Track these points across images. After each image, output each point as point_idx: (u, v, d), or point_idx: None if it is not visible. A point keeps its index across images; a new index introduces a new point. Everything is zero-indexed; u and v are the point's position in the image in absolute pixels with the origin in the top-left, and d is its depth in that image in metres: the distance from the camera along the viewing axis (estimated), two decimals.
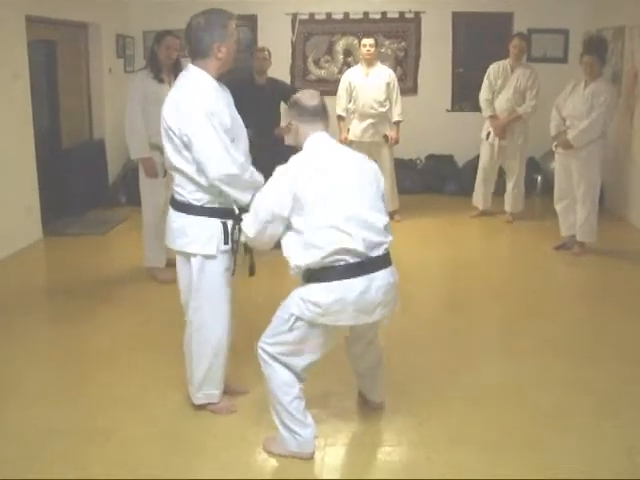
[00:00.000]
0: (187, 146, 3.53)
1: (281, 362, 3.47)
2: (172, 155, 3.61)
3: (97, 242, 7.66)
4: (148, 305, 5.69)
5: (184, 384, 4.04)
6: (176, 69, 6.04)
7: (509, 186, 8.18)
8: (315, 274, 3.36)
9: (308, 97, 3.60)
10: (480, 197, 8.35)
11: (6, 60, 6.94)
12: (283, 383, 3.47)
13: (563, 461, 3.49)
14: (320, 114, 3.56)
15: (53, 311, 5.76)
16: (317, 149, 3.50)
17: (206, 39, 3.56)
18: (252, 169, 3.63)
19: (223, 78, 3.74)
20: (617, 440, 3.67)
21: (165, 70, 6.02)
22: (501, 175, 8.33)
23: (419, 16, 10.03)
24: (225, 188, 3.54)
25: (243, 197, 3.59)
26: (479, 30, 9.75)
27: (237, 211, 3.62)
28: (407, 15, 10.05)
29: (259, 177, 3.64)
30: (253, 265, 3.86)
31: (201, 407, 3.95)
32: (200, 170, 3.54)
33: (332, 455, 3.60)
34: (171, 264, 6.21)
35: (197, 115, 3.47)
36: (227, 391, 4.06)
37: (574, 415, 3.94)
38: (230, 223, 3.65)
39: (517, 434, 3.74)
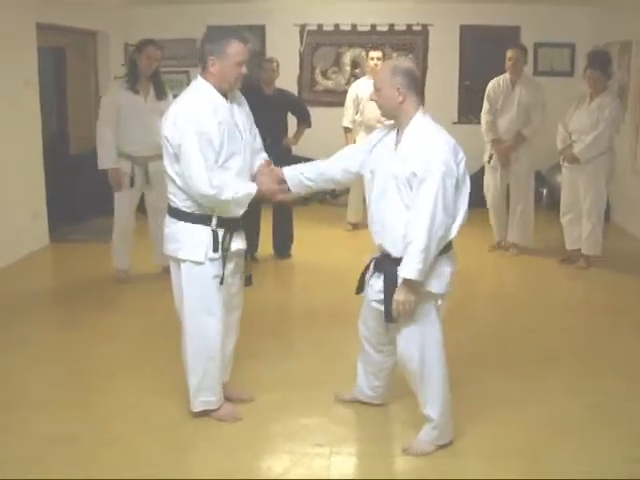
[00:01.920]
0: (177, 157, 3.59)
1: None
2: (167, 164, 3.68)
3: (103, 249, 7.63)
4: (153, 312, 5.69)
5: (187, 392, 4.06)
6: (155, 79, 6.12)
7: (515, 215, 7.51)
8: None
9: (417, 71, 3.60)
10: (493, 229, 7.69)
11: (16, 66, 6.99)
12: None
13: (559, 472, 3.49)
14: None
15: (58, 317, 5.78)
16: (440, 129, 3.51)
17: (204, 50, 3.64)
18: (238, 187, 3.64)
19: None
20: (614, 452, 3.67)
21: (143, 80, 6.07)
22: None
23: (427, 29, 10.07)
24: (207, 204, 3.63)
25: (232, 212, 3.67)
26: (486, 43, 9.76)
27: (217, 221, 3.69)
28: (415, 28, 10.09)
29: (245, 192, 3.66)
30: (250, 276, 3.95)
31: (200, 414, 3.94)
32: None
33: (338, 464, 3.60)
34: (167, 271, 6.30)
35: (187, 132, 3.53)
36: (232, 399, 4.07)
37: (572, 427, 3.94)
38: (221, 232, 3.69)
39: (514, 444, 3.75)
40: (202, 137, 3.52)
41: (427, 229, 3.29)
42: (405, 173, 3.38)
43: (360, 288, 3.78)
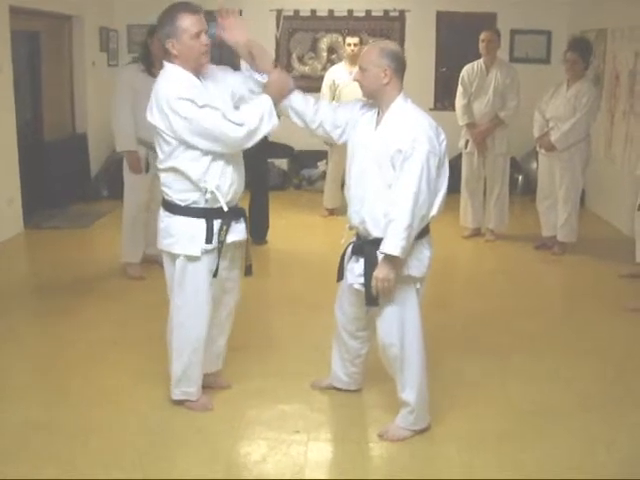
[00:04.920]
0: (186, 142, 3.51)
1: None
2: (161, 155, 3.63)
3: (78, 236, 7.64)
4: (130, 299, 5.67)
5: (167, 378, 4.06)
6: None
7: (491, 200, 7.54)
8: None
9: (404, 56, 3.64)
10: (469, 216, 7.66)
11: None
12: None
13: (543, 457, 3.53)
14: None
15: (34, 305, 5.73)
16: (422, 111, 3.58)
17: (160, 37, 3.60)
18: (255, 105, 3.58)
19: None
20: (597, 436, 3.72)
21: (157, 64, 5.98)
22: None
23: (404, 14, 10.08)
24: (251, 140, 3.54)
25: (274, 123, 3.57)
26: (463, 30, 9.77)
27: (226, 208, 3.61)
28: (391, 13, 10.09)
29: (266, 104, 3.57)
30: (250, 265, 3.90)
31: (179, 403, 3.95)
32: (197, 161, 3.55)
33: (315, 450, 3.62)
34: (146, 260, 6.28)
35: (181, 106, 3.43)
36: (211, 384, 4.08)
37: (554, 411, 3.98)
38: (217, 223, 3.63)
39: (497, 429, 3.77)
40: (199, 98, 3.44)
41: (411, 207, 3.31)
42: (389, 151, 3.40)
43: (340, 275, 3.78)
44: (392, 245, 3.34)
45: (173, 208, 3.69)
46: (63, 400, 4.06)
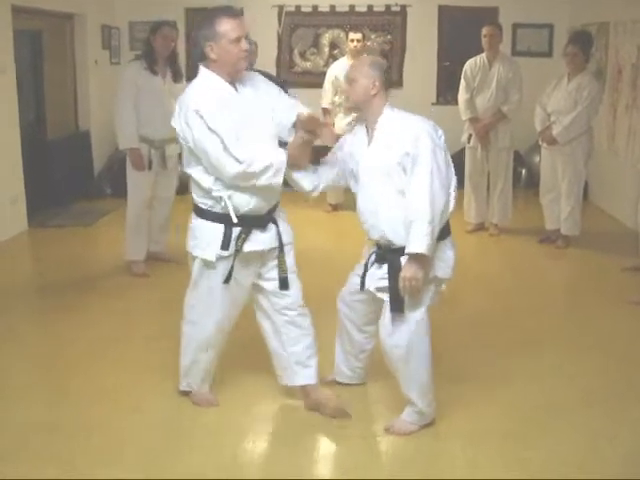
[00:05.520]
0: (191, 150, 3.51)
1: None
2: (184, 160, 3.61)
3: (82, 234, 7.65)
4: (134, 297, 5.69)
5: (169, 374, 4.08)
6: (172, 60, 6.05)
7: (494, 195, 7.54)
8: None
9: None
10: (473, 210, 7.64)
11: None
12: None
13: (546, 454, 3.53)
14: None
15: (38, 303, 5.75)
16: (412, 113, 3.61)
17: (199, 41, 3.53)
18: (268, 151, 3.50)
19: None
20: (600, 431, 3.72)
21: (161, 62, 5.99)
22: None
23: (405, 9, 10.05)
24: (244, 184, 3.47)
25: (272, 182, 3.48)
26: (465, 24, 9.75)
27: (235, 220, 3.53)
28: (393, 8, 10.07)
29: (279, 157, 3.48)
30: (285, 278, 3.76)
31: (185, 393, 3.99)
32: (208, 172, 3.51)
33: (319, 444, 3.64)
34: (150, 258, 6.30)
35: (195, 121, 3.41)
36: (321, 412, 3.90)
37: (557, 407, 3.99)
38: (237, 230, 3.57)
39: (501, 426, 3.78)
40: (209, 119, 3.39)
41: (428, 203, 3.33)
42: (395, 158, 3.42)
43: (363, 284, 3.71)
44: (416, 243, 3.35)
45: (197, 211, 3.66)
46: (64, 398, 4.07)
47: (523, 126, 7.65)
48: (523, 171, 9.47)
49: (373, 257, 3.65)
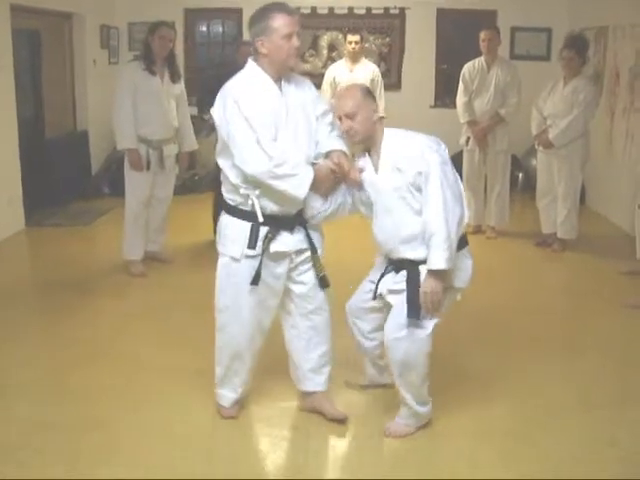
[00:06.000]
0: (226, 141, 3.46)
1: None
2: (218, 152, 3.57)
3: (80, 233, 7.65)
4: (132, 297, 5.70)
5: (168, 373, 4.08)
6: (170, 61, 6.06)
7: (492, 198, 7.58)
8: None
9: None
10: (470, 213, 7.20)
11: None
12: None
13: (546, 453, 3.54)
14: None
15: (36, 303, 5.75)
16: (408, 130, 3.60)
17: (251, 34, 3.51)
18: (299, 163, 3.45)
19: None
20: (598, 433, 3.73)
21: (159, 62, 6.00)
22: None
23: (404, 12, 10.07)
24: (268, 183, 3.40)
25: (294, 193, 3.43)
26: (463, 27, 9.78)
27: (261, 219, 3.47)
28: (392, 11, 10.08)
29: (306, 170, 3.45)
30: (324, 276, 3.70)
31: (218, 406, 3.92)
32: (238, 167, 3.45)
33: (315, 446, 3.64)
34: (148, 257, 6.31)
35: (233, 113, 3.38)
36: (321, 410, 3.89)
37: (555, 408, 4.00)
38: (264, 229, 3.51)
39: (499, 426, 3.79)
40: (247, 112, 3.35)
41: (444, 218, 3.35)
42: (407, 179, 3.42)
43: (376, 291, 3.71)
44: (437, 259, 3.36)
45: (226, 207, 3.61)
46: (64, 398, 4.06)
47: (520, 130, 7.66)
48: (520, 175, 9.47)
49: (391, 267, 3.64)
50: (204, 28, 10.48)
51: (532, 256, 7.04)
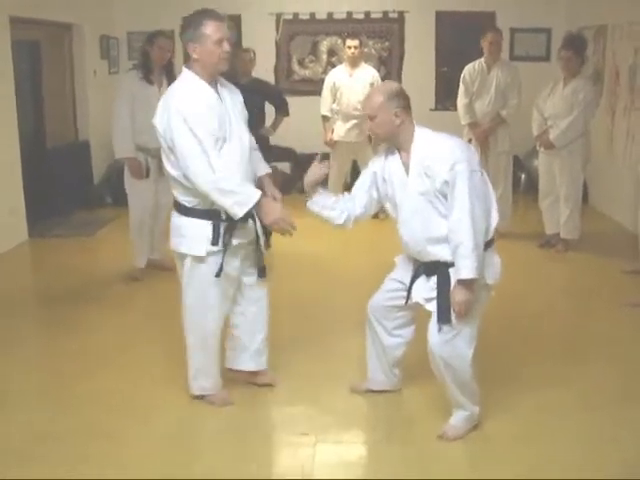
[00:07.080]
0: (172, 150, 3.58)
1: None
2: (164, 159, 3.69)
3: (83, 243, 7.65)
4: (135, 306, 5.70)
5: (174, 381, 4.08)
6: (168, 70, 6.08)
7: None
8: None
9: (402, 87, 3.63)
10: None
11: None
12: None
13: (547, 454, 3.54)
14: None
15: (40, 314, 5.76)
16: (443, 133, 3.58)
17: (184, 41, 3.66)
18: (244, 184, 3.64)
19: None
20: (600, 433, 3.72)
21: (156, 71, 6.03)
22: None
23: (403, 16, 10.08)
24: (209, 194, 3.56)
25: (232, 210, 3.58)
26: (462, 29, 9.78)
27: (224, 216, 3.65)
28: (391, 15, 10.10)
29: (250, 192, 3.63)
30: (264, 267, 4.00)
31: (199, 397, 4.03)
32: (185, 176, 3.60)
33: (323, 453, 3.63)
34: (149, 265, 6.31)
35: (176, 121, 3.51)
36: (256, 382, 4.20)
37: (557, 409, 3.99)
38: (223, 225, 3.66)
39: (500, 429, 3.78)
40: (192, 122, 3.49)
41: (471, 228, 3.35)
42: (435, 186, 3.42)
43: (409, 297, 3.72)
44: (465, 270, 3.36)
45: (181, 209, 3.74)
46: (68, 407, 4.07)
47: (522, 130, 7.64)
48: (522, 176, 9.47)
49: (421, 269, 3.63)
50: None
51: (535, 257, 7.03)
